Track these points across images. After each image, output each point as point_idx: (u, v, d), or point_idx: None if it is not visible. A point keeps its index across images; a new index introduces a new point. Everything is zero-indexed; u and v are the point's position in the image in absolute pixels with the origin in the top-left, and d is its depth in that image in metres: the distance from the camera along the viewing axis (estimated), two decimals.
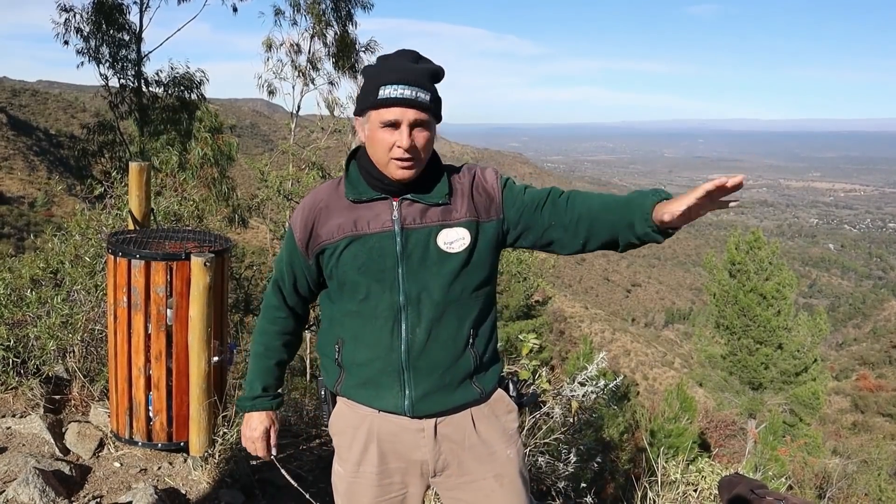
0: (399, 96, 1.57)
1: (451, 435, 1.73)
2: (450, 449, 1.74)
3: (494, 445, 1.76)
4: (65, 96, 77.05)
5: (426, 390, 1.69)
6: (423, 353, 1.67)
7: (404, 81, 1.58)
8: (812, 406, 18.94)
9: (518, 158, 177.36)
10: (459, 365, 1.70)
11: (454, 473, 1.76)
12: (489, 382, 1.77)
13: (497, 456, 1.76)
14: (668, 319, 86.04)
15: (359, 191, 1.70)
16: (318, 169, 10.02)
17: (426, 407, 1.70)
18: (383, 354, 1.68)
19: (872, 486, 12.89)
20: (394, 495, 1.77)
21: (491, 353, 1.78)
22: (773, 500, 2.88)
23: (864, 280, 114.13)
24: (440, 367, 1.68)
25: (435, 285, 1.66)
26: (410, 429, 1.72)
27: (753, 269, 18.96)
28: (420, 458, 1.74)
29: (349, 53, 12.55)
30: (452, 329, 1.68)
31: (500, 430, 1.78)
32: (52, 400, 3.71)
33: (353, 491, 1.79)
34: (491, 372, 1.78)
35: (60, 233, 4.84)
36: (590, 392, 4.42)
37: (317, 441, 4.06)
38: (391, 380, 1.69)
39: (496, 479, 1.75)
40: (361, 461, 1.77)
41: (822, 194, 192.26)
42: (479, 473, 1.75)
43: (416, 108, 1.58)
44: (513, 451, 1.78)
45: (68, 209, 28.17)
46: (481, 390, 1.74)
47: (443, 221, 1.66)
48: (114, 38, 14.60)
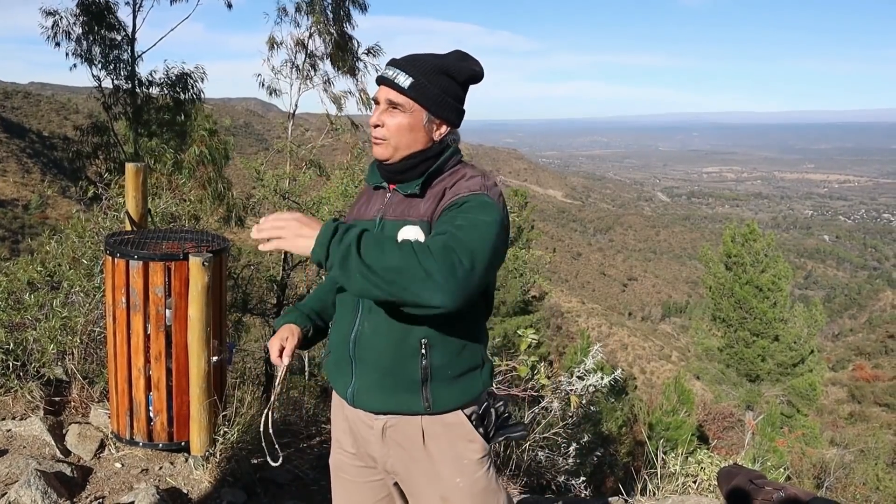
0: (381, 75, 1.66)
1: (398, 440, 1.69)
2: (397, 454, 1.71)
3: (441, 468, 1.67)
4: (57, 98, 76.69)
5: (366, 384, 1.68)
6: (367, 347, 1.66)
7: (394, 64, 1.66)
8: (809, 397, 19.00)
9: (513, 154, 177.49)
10: (404, 370, 1.62)
11: (403, 480, 1.75)
12: (445, 400, 1.64)
13: (443, 479, 1.68)
14: (665, 313, 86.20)
15: (371, 176, 1.79)
16: (315, 167, 10.01)
17: (364, 400, 1.69)
18: (342, 340, 1.72)
19: (870, 475, 12.95)
20: (372, 479, 1.82)
21: (456, 371, 1.64)
22: (771, 490, 2.91)
23: (860, 271, 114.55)
24: (381, 365, 1.64)
25: None
26: (364, 421, 1.73)
27: (749, 262, 19.00)
28: (371, 453, 1.76)
29: (347, 53, 12.57)
30: (397, 331, 1.61)
31: (452, 456, 1.67)
32: (52, 402, 3.71)
33: (339, 467, 1.87)
34: (452, 390, 1.65)
35: (57, 235, 4.83)
36: (588, 385, 4.44)
37: (316, 439, 4.08)
38: (345, 365, 1.72)
39: (442, 502, 1.69)
40: (342, 441, 1.84)
41: (816, 186, 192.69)
42: (425, 491, 1.71)
43: (390, 87, 1.64)
44: (464, 481, 1.67)
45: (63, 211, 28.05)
46: (429, 404, 1.63)
47: (406, 217, 1.64)
48: (105, 39, 14.51)
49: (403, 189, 1.68)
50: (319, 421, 4.30)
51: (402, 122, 1.64)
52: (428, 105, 1.64)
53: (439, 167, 1.68)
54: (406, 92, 1.62)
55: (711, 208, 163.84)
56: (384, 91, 1.65)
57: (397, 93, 1.63)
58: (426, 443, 1.67)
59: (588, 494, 4.18)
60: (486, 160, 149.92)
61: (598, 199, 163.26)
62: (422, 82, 1.62)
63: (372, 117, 1.66)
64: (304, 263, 9.18)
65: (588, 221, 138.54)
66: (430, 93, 1.63)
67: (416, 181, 1.66)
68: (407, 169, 1.67)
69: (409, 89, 1.62)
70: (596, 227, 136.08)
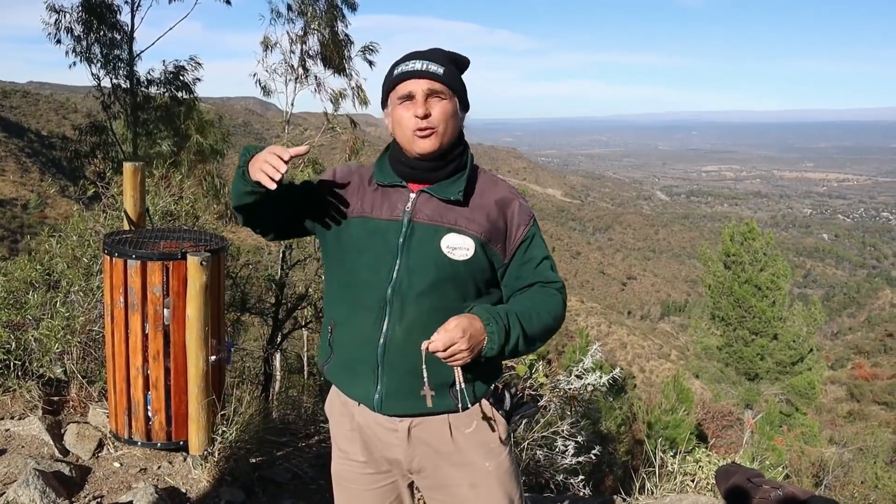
0: (410, 69, 1.61)
1: (426, 439, 1.69)
2: (424, 453, 1.70)
3: (471, 456, 1.70)
4: (56, 97, 76.66)
5: (395, 389, 1.65)
6: (399, 352, 1.62)
7: (415, 57, 1.63)
8: (808, 396, 19.02)
9: (512, 153, 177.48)
10: (436, 372, 1.61)
11: (429, 476, 1.74)
12: (471, 394, 1.67)
13: (474, 466, 1.70)
14: (664, 312, 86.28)
15: (385, 175, 1.71)
16: (313, 165, 10.02)
17: (393, 406, 1.66)
18: (362, 344, 1.66)
19: (869, 473, 12.97)
20: (383, 485, 1.78)
21: (479, 368, 1.64)
22: (769, 488, 2.91)
23: (858, 269, 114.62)
24: (413, 369, 1.59)
25: (425, 287, 1.61)
26: (385, 426, 1.70)
27: (748, 261, 19.01)
28: (394, 457, 1.73)
29: (341, 52, 12.60)
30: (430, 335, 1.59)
31: (479, 442, 1.70)
32: (51, 401, 3.71)
33: (344, 477, 1.81)
34: (477, 382, 1.69)
35: (57, 235, 4.83)
36: (587, 384, 4.43)
37: (315, 438, 4.08)
38: (366, 370, 1.67)
39: (471, 488, 1.71)
40: (349, 451, 1.78)
41: (815, 184, 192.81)
42: (454, 480, 1.71)
43: (428, 78, 1.60)
44: (492, 464, 1.71)
45: (62, 211, 27.99)
46: (459, 402, 1.65)
47: (454, 225, 1.64)
48: (105, 38, 14.52)
49: (440, 193, 1.65)
50: (318, 420, 4.29)
51: (448, 107, 1.62)
52: (459, 92, 1.66)
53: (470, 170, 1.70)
54: (442, 79, 1.61)
55: (710, 207, 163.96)
56: (419, 83, 1.60)
57: (434, 80, 1.61)
58: (454, 435, 1.69)
59: (587, 493, 4.18)
60: (485, 159, 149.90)
61: (597, 198, 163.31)
62: (450, 69, 1.64)
63: (416, 110, 1.59)
64: (302, 263, 9.18)
65: (587, 220, 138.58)
66: (458, 80, 1.66)
67: (453, 186, 1.66)
68: (438, 168, 1.66)
69: (443, 76, 1.61)
70: (595, 225, 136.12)
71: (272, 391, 8.63)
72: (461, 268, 1.63)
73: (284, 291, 8.96)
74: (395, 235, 1.64)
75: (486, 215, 1.66)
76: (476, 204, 1.67)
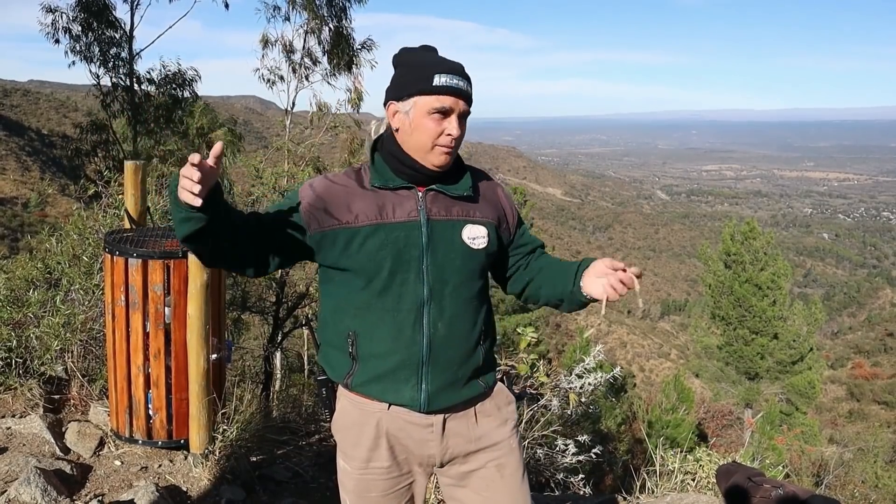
0: (455, 86, 1.62)
1: (457, 429, 1.75)
2: (455, 444, 1.75)
3: (495, 436, 1.79)
4: (56, 96, 76.60)
5: (441, 385, 1.69)
6: (443, 348, 1.68)
7: (457, 73, 1.64)
8: (808, 395, 19.03)
9: (512, 152, 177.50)
10: (472, 361, 1.73)
11: (458, 463, 1.78)
12: (491, 378, 1.81)
13: (500, 445, 1.79)
14: (664, 311, 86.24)
15: (385, 178, 1.69)
16: (313, 165, 10.02)
17: (440, 401, 1.70)
18: (403, 347, 1.65)
19: (869, 473, 12.98)
20: (402, 486, 1.78)
21: (494, 349, 1.83)
22: (770, 487, 2.91)
23: (859, 269, 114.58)
24: (456, 362, 1.70)
25: (457, 279, 1.69)
26: (419, 424, 1.71)
27: (748, 260, 19.01)
28: (428, 453, 1.74)
29: (344, 49, 12.57)
30: (469, 325, 1.72)
31: (501, 421, 1.81)
32: (52, 400, 3.71)
33: (364, 487, 1.75)
34: (494, 366, 1.83)
35: (58, 233, 4.83)
36: (587, 384, 4.44)
37: (316, 437, 4.08)
38: (409, 373, 1.66)
39: (497, 469, 1.77)
40: (371, 458, 1.73)
41: (815, 184, 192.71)
42: (482, 464, 1.77)
43: (466, 101, 1.65)
44: (512, 440, 1.82)
45: (62, 209, 28.06)
46: (485, 385, 1.78)
47: (467, 217, 1.72)
48: (104, 37, 14.52)
49: (451, 189, 1.71)
50: (318, 419, 4.30)
51: (464, 129, 1.68)
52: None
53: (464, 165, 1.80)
54: (471, 102, 1.67)
55: (711, 206, 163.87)
56: (459, 103, 1.63)
57: (469, 104, 1.66)
58: (479, 420, 1.78)
59: (587, 492, 4.18)
60: (485, 158, 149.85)
61: (597, 197, 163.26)
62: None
63: (451, 129, 1.63)
64: (302, 262, 9.17)
65: (587, 219, 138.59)
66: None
67: (460, 182, 1.74)
68: (448, 171, 1.72)
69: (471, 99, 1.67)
70: (595, 224, 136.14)
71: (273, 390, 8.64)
72: (483, 255, 1.73)
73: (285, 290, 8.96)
74: (416, 235, 1.65)
75: (488, 203, 1.78)
76: (478, 194, 1.77)
